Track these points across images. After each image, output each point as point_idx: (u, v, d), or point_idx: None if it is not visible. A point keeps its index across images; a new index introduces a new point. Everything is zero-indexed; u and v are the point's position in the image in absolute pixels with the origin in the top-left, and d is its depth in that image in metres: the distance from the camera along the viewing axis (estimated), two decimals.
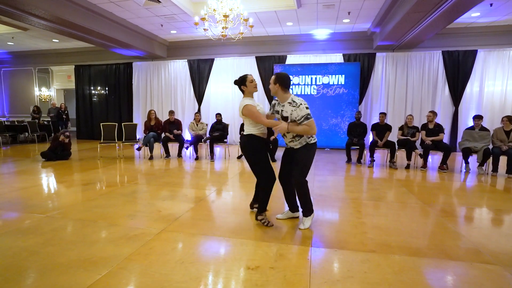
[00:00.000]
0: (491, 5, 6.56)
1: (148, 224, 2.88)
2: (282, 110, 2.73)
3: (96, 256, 2.22)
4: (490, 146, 5.51)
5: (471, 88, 8.48)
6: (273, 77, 2.74)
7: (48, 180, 4.76)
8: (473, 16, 7.33)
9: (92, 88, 11.48)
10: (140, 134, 9.79)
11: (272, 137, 6.65)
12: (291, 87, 9.06)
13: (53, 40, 10.14)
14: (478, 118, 5.78)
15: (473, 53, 8.35)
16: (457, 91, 8.51)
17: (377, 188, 4.48)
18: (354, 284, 1.89)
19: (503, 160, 5.41)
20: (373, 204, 3.63)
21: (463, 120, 8.53)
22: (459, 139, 6.89)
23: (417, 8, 5.61)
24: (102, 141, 7.04)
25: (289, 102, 2.68)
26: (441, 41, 8.47)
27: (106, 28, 7.52)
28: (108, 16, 7.42)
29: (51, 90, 12.59)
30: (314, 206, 3.47)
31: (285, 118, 2.70)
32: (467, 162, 5.71)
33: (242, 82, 2.84)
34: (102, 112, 11.33)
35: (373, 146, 6.24)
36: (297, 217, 3.05)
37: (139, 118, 10.83)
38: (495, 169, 5.40)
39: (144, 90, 10.89)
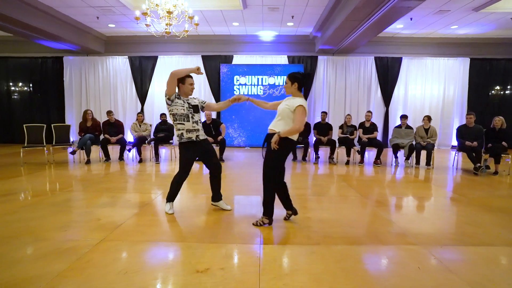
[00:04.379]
0: (411, 19, 7.52)
1: (85, 234, 2.62)
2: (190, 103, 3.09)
3: (18, 278, 1.92)
4: (414, 142, 6.28)
5: (398, 91, 9.58)
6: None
7: None
8: (398, 27, 8.28)
9: (11, 84, 10.02)
10: (74, 136, 8.86)
11: (219, 137, 6.60)
12: (237, 87, 9.19)
13: None
14: (404, 117, 6.55)
15: (399, 60, 9.45)
16: (387, 93, 9.52)
17: (320, 183, 4.76)
18: (300, 276, 1.98)
19: (424, 154, 6.20)
20: (317, 199, 3.85)
21: (392, 119, 9.57)
22: (389, 136, 7.74)
23: (352, 17, 6.14)
24: (26, 145, 6.17)
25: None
26: (373, 48, 9.37)
27: (27, 15, 6.60)
28: (29, 2, 6.53)
29: None
30: None
31: (195, 107, 3.10)
32: (396, 157, 6.42)
33: None
34: (25, 112, 9.96)
35: (317, 144, 6.61)
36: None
37: (73, 119, 9.79)
38: (417, 162, 6.17)
39: (79, 88, 9.87)
